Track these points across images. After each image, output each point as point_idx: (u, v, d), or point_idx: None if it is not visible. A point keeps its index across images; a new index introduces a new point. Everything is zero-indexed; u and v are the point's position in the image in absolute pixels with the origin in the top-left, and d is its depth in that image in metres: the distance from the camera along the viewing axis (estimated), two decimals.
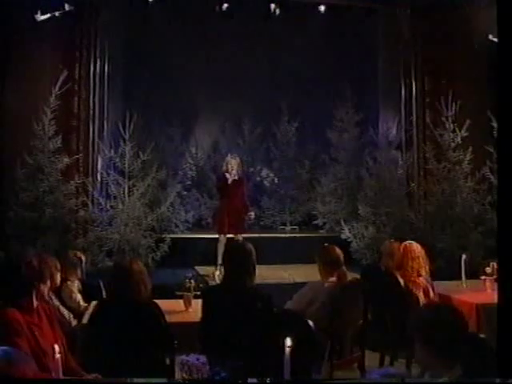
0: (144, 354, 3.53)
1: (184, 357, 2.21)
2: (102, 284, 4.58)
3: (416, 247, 5.29)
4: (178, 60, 10.55)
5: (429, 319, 2.55)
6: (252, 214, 8.16)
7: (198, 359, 2.18)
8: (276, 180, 11.00)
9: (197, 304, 4.76)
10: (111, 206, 7.88)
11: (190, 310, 4.70)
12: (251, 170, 10.79)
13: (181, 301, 4.73)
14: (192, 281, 4.66)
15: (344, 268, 4.62)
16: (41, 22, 7.88)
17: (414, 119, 8.73)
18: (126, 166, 7.97)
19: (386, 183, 8.55)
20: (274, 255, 8.45)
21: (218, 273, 4.91)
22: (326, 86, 10.58)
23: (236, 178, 7.92)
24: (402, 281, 5.11)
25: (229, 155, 8.34)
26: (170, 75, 10.54)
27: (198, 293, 4.75)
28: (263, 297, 3.92)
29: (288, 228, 10.72)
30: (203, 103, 11.08)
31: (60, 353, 2.47)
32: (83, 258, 5.06)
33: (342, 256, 4.68)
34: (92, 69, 8.44)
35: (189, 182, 10.59)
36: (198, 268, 7.94)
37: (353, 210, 9.57)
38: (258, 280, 4.86)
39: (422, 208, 8.34)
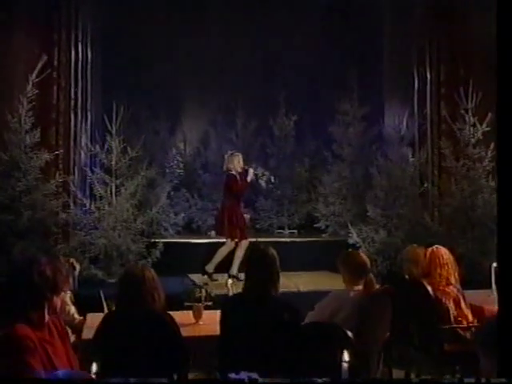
0: (158, 370, 3.47)
1: (233, 375, 2.15)
2: (102, 294, 4.49)
3: (444, 252, 5.27)
4: (164, 47, 10.51)
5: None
6: (247, 218, 8.16)
7: (249, 377, 2.12)
8: (273, 179, 10.89)
9: (208, 316, 4.73)
10: (96, 208, 7.78)
11: (201, 322, 4.64)
12: (245, 167, 10.73)
13: (189, 312, 4.66)
14: (203, 290, 4.60)
15: (371, 275, 4.59)
16: (14, 1, 7.77)
17: (428, 112, 8.73)
18: (113, 163, 7.89)
19: (397, 182, 8.54)
20: None
21: (231, 281, 4.85)
22: (327, 75, 10.58)
23: (252, 177, 7.95)
24: (430, 289, 5.08)
25: (228, 152, 8.29)
26: (155, 64, 10.48)
27: (210, 303, 4.70)
28: (290, 307, 3.89)
29: (286, 232, 10.70)
30: (192, 94, 11.06)
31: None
32: (77, 266, 4.97)
33: (368, 262, 4.65)
34: (73, 54, 8.34)
35: (176, 181, 10.49)
36: (192, 276, 7.89)
37: (359, 212, 9.59)
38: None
39: (438, 209, 8.34)
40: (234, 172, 8.03)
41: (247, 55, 10.90)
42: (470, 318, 5.04)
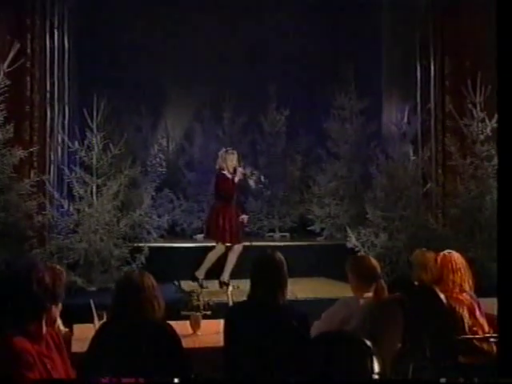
0: None
1: None
2: (92, 304, 4.46)
3: (457, 257, 5.29)
4: (146, 38, 10.49)
5: None
6: (245, 218, 8.16)
7: None
8: (262, 178, 10.97)
9: (206, 326, 4.72)
10: (76, 209, 7.73)
11: (199, 333, 4.63)
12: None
13: (186, 322, 4.64)
14: (200, 298, 4.59)
15: (382, 281, 4.59)
16: None
17: (432, 107, 8.78)
18: (94, 161, 7.83)
19: (399, 182, 8.57)
20: None
21: (231, 288, 4.84)
22: (322, 67, 10.62)
23: (240, 177, 7.96)
24: (443, 297, 5.10)
25: (223, 149, 8.28)
26: (136, 55, 10.45)
27: (208, 312, 4.69)
28: (300, 315, 3.89)
29: (277, 235, 10.72)
30: (175, 87, 11.05)
31: None
32: (64, 274, 4.91)
33: (378, 267, 4.65)
34: (48, 42, 8.26)
35: (159, 181, 10.44)
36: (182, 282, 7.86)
37: (357, 214, 9.62)
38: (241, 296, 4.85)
39: (443, 211, 8.39)
40: (225, 171, 8.04)
41: (235, 45, 10.90)
42: (486, 327, 5.06)
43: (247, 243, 8.30)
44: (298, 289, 7.80)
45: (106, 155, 7.86)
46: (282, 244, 9.84)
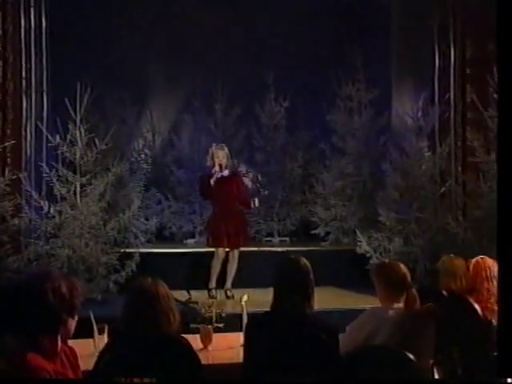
0: None
1: None
2: (92, 316, 4.45)
3: (492, 264, 5.31)
4: (131, 19, 10.50)
5: None
6: (256, 201, 8.24)
7: None
8: (259, 177, 10.99)
9: (218, 340, 4.73)
10: (57, 211, 7.69)
11: (211, 348, 4.63)
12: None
13: (196, 336, 4.65)
14: (212, 309, 4.60)
15: (414, 291, 4.62)
16: None
17: (452, 96, 8.82)
18: (77, 156, 7.80)
19: (415, 180, 8.61)
20: (258, 275, 8.44)
21: (245, 298, 4.86)
22: (326, 52, 10.62)
23: (226, 173, 7.97)
24: (478, 308, 5.14)
25: (213, 145, 8.31)
26: (119, 37, 10.43)
27: (221, 325, 4.71)
28: (329, 327, 3.91)
29: (276, 239, 10.77)
30: (162, 75, 11.04)
31: None
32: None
33: (408, 275, 4.68)
34: (23, 22, 8.21)
35: (145, 179, 10.41)
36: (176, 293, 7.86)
37: (367, 216, 9.69)
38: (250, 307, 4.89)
39: (464, 213, 8.43)
40: (215, 169, 8.08)
41: (229, 28, 10.89)
42: None
43: (254, 248, 8.35)
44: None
45: (90, 151, 7.81)
46: (282, 249, 9.84)
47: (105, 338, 4.40)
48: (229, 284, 8.07)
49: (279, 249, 9.94)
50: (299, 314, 3.91)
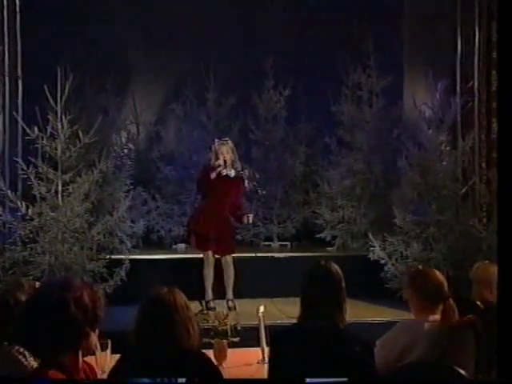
0: None
1: None
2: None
3: None
4: None
5: None
6: (250, 217, 8.17)
7: None
8: (257, 175, 10.95)
9: (234, 356, 4.73)
10: (37, 213, 7.67)
11: (225, 365, 4.64)
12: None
13: (209, 351, 4.65)
14: (227, 322, 4.62)
15: (451, 301, 4.65)
16: None
17: (476, 85, 8.86)
18: (59, 151, 7.78)
19: (435, 179, 8.65)
20: (256, 283, 8.49)
21: (262, 309, 4.87)
22: (333, 35, 10.63)
23: (232, 174, 7.98)
24: None
25: (216, 141, 8.30)
26: (99, 19, 10.45)
27: (236, 339, 4.71)
28: (363, 341, 3.92)
29: (276, 244, 10.80)
30: (147, 60, 11.01)
31: None
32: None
33: (445, 283, 4.71)
34: None
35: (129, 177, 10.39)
36: None
37: (380, 218, 9.72)
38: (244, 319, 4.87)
39: (489, 214, 8.48)
40: (220, 166, 8.08)
41: (222, 6, 10.91)
42: None
43: (251, 254, 8.35)
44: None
45: (73, 145, 7.80)
46: (282, 255, 9.88)
47: (108, 355, 4.39)
48: (230, 294, 8.07)
49: (279, 254, 9.95)
50: (331, 327, 3.91)
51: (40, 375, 2.71)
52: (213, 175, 7.94)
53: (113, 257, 8.12)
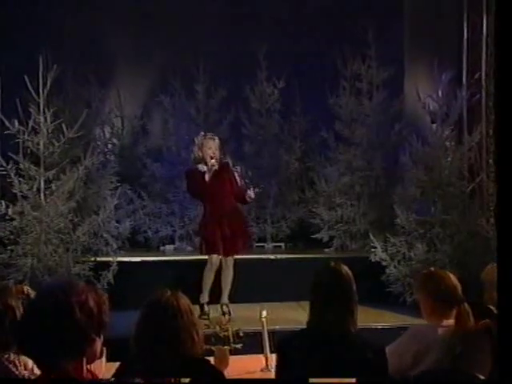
0: None
1: None
2: None
3: None
4: None
5: None
6: (251, 193, 8.16)
7: None
8: (249, 172, 10.95)
9: (235, 363, 4.74)
10: (18, 213, 7.64)
11: (227, 373, 4.62)
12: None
13: (209, 359, 4.65)
14: (229, 327, 4.62)
15: (466, 305, 4.67)
16: None
17: (483, 76, 8.90)
18: (41, 147, 7.76)
19: (440, 175, 8.68)
20: (248, 287, 8.51)
21: (265, 314, 4.88)
22: (330, 22, 10.63)
23: (215, 165, 7.98)
24: None
25: (201, 134, 8.27)
26: (80, 5, 10.39)
27: (239, 346, 4.72)
28: (375, 345, 3.95)
29: (269, 245, 10.82)
30: (132, 49, 11.01)
31: None
32: (32, 295, 4.90)
33: (459, 287, 4.73)
34: None
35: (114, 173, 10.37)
36: None
37: (380, 217, 9.75)
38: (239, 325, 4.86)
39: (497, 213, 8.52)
40: (201, 164, 8.08)
41: None
42: None
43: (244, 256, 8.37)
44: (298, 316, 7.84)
45: (57, 139, 7.78)
46: (276, 257, 9.86)
47: (103, 363, 4.38)
48: (225, 298, 8.05)
49: (273, 256, 9.93)
50: (342, 331, 3.92)
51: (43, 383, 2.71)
52: (207, 177, 7.93)
53: (100, 259, 8.05)
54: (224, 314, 7.94)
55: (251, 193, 8.13)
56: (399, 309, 8.39)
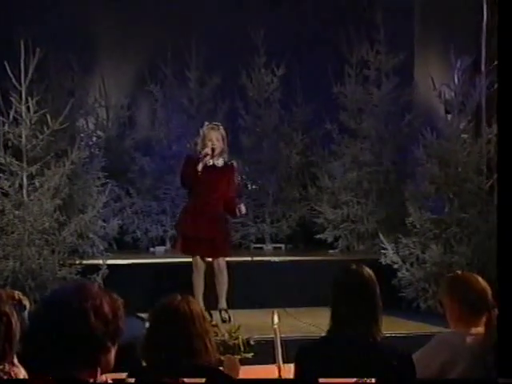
0: None
1: None
2: None
3: None
4: None
5: None
6: (242, 208, 8.15)
7: None
8: (247, 168, 10.98)
9: (247, 373, 4.75)
10: None
11: None
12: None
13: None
14: (239, 335, 4.64)
15: (496, 311, 4.69)
16: None
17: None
18: (24, 140, 7.76)
19: (457, 171, 8.70)
20: (245, 293, 8.53)
21: (277, 320, 4.89)
22: (334, 5, 10.71)
23: (219, 163, 7.97)
24: None
25: (205, 124, 8.26)
26: None
27: (249, 355, 4.74)
28: (401, 353, 3.98)
29: (269, 247, 10.80)
30: (118, 32, 10.98)
31: None
32: (27, 303, 4.91)
33: (489, 291, 4.75)
34: None
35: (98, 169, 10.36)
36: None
37: (390, 216, 9.78)
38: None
39: None
40: (205, 155, 8.05)
41: None
42: None
43: (248, 258, 8.35)
44: (310, 323, 7.85)
45: (41, 131, 7.78)
46: (276, 259, 9.88)
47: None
48: (223, 303, 7.99)
49: (273, 258, 9.95)
50: (366, 339, 3.94)
51: None
52: (199, 166, 7.87)
53: (87, 262, 8.05)
54: (223, 320, 7.92)
55: (243, 208, 8.13)
56: (413, 316, 8.40)
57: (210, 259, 8.09)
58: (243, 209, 8.15)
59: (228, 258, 8.23)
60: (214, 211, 8.02)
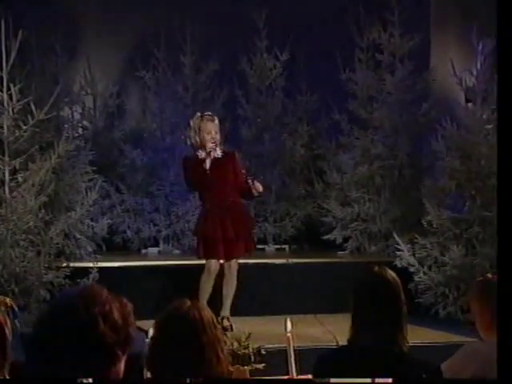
0: None
1: None
2: None
3: None
4: None
5: None
6: (256, 184, 8.11)
7: None
8: (247, 162, 10.97)
9: None
10: None
11: None
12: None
13: None
14: (249, 345, 4.65)
15: None
16: None
17: None
18: (5, 131, 7.77)
19: (479, 165, 8.72)
20: (246, 298, 8.54)
21: (290, 327, 4.90)
22: None
23: (218, 154, 7.96)
24: None
25: (197, 115, 8.25)
26: None
27: (261, 366, 4.75)
28: (429, 365, 3.99)
29: (271, 248, 10.84)
30: (106, 14, 11.02)
31: None
32: (16, 308, 4.93)
33: None
34: None
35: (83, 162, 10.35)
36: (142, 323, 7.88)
37: (405, 215, 9.79)
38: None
39: None
40: (200, 151, 8.07)
41: None
42: None
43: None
44: (316, 332, 7.87)
45: (24, 122, 7.80)
46: (279, 262, 9.87)
47: None
48: (226, 310, 7.99)
49: (276, 261, 9.93)
50: (391, 349, 3.94)
51: None
52: (207, 164, 7.87)
53: (76, 264, 8.06)
54: (225, 329, 7.91)
55: (259, 185, 8.10)
56: (431, 323, 8.41)
57: (222, 261, 8.10)
58: (258, 185, 8.14)
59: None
60: (233, 206, 8.04)
